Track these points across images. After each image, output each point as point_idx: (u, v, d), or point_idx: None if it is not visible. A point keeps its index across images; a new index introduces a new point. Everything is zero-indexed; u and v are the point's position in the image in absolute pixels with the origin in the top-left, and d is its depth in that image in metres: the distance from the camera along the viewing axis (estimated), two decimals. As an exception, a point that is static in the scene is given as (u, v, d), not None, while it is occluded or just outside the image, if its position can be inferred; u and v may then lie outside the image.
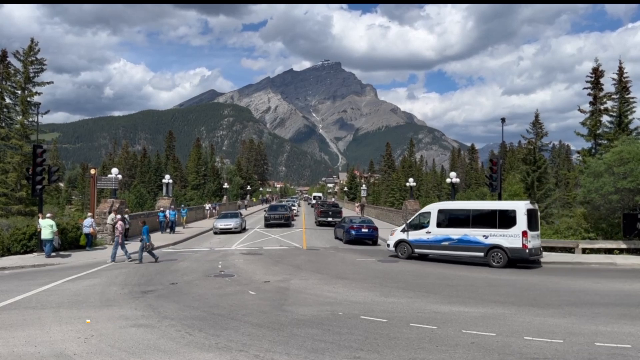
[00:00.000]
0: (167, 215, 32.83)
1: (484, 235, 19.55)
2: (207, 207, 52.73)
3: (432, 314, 10.60)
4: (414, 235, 21.68)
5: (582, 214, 25.09)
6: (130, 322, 9.81)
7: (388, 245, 22.85)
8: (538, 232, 19.90)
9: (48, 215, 21.43)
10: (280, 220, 39.47)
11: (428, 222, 21.36)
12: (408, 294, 12.97)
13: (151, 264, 18.92)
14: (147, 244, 19.34)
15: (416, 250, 21.66)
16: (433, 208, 21.90)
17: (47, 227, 20.46)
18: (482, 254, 19.53)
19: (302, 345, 8.14)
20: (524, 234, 18.63)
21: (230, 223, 33.66)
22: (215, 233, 33.05)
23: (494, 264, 19.12)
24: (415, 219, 22.38)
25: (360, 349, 7.98)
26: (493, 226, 19.48)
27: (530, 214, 19.20)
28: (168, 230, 32.54)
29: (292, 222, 43.16)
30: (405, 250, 21.89)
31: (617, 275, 17.09)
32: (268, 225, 39.11)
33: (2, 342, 8.48)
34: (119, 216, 22.39)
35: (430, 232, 21.12)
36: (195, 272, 16.58)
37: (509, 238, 18.93)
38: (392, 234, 23.37)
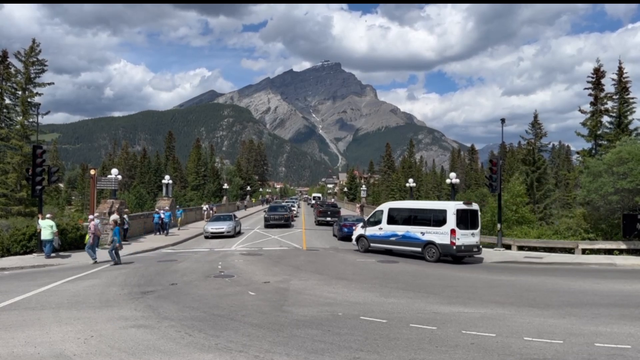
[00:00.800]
0: (162, 216, 32.01)
1: (421, 232, 21.61)
2: (204, 208, 51.29)
3: (432, 314, 10.59)
4: (370, 231, 24.03)
5: (581, 215, 25.09)
6: (130, 322, 9.81)
7: (350, 240, 25.31)
8: (473, 231, 21.08)
9: (48, 215, 21.45)
10: (280, 220, 39.28)
11: (381, 219, 23.67)
12: (408, 295, 12.97)
13: (151, 264, 18.91)
14: (118, 245, 19.17)
15: (371, 244, 23.91)
16: (385, 207, 24.38)
17: (46, 227, 20.49)
18: (419, 249, 21.57)
19: (302, 346, 8.14)
20: (452, 232, 20.40)
21: (223, 226, 31.29)
22: (207, 237, 30.80)
23: (428, 258, 21.08)
24: (372, 216, 24.59)
25: (360, 349, 7.98)
26: (429, 224, 21.43)
27: (463, 214, 20.89)
28: (163, 231, 31.75)
29: (292, 223, 43.16)
30: (364, 245, 24.26)
31: (617, 275, 17.09)
32: (268, 225, 39.01)
33: (2, 342, 8.48)
34: (91, 216, 22.07)
35: (382, 229, 23.44)
36: (195, 273, 16.57)
37: (440, 235, 20.78)
38: (355, 228, 25.74)
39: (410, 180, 46.94)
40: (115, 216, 26.64)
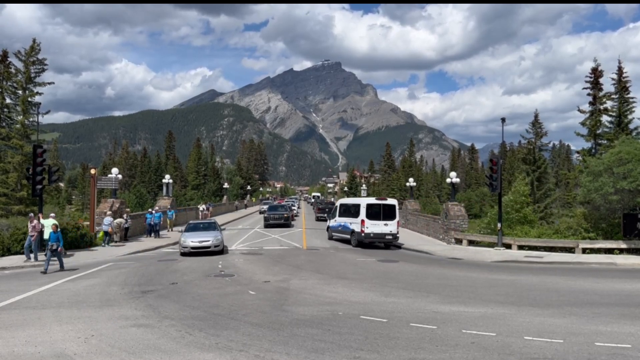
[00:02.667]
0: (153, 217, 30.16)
1: (350, 223, 26.81)
2: (201, 208, 48.88)
3: (432, 314, 10.60)
4: (331, 222, 29.96)
5: (582, 214, 25.06)
6: (131, 322, 9.82)
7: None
8: (386, 222, 25.41)
9: (52, 215, 21.56)
10: (279, 220, 39.13)
11: (336, 213, 29.32)
12: (408, 294, 12.96)
13: (151, 264, 18.92)
14: (61, 249, 17.55)
15: (332, 233, 29.35)
16: (338, 202, 30.67)
17: (49, 227, 20.54)
18: (349, 236, 26.76)
19: (302, 345, 8.14)
20: (362, 222, 25.46)
21: (209, 238, 22.32)
22: (184, 254, 21.81)
23: (352, 243, 26.36)
24: (333, 210, 30.37)
25: (360, 348, 7.99)
26: (353, 216, 26.54)
27: (374, 208, 25.80)
28: (152, 234, 29.83)
29: (292, 223, 43.16)
30: (330, 234, 29.92)
31: (617, 275, 17.08)
32: (267, 225, 38.94)
33: (3, 342, 8.49)
34: (31, 214, 21.65)
35: (335, 220, 29.17)
36: (195, 272, 16.58)
37: (357, 225, 25.83)
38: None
39: (411, 179, 46.83)
40: (120, 220, 26.78)
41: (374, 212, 25.47)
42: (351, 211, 26.95)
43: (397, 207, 26.47)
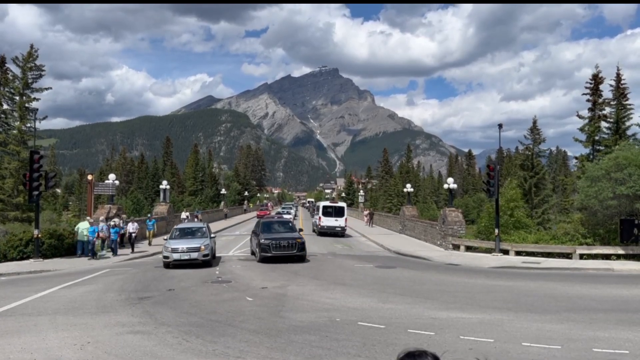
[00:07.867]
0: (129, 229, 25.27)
1: (317, 219, 36.66)
2: (183, 217, 39.56)
3: (430, 320, 10.57)
4: (313, 219, 40.85)
5: (579, 220, 25.08)
6: (127, 328, 9.77)
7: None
8: (337, 218, 35.55)
9: (88, 218, 22.64)
10: (290, 250, 21.03)
11: (314, 211, 41.49)
12: (406, 300, 12.94)
13: (148, 270, 18.84)
14: None
15: (313, 227, 38.89)
16: (316, 205, 43.60)
17: (85, 229, 21.91)
18: (316, 228, 36.71)
19: (300, 352, 8.11)
20: (319, 218, 36.04)
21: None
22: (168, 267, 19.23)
23: (316, 234, 36.05)
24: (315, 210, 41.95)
25: (357, 355, 7.96)
26: (317, 214, 37.09)
27: (328, 208, 36.40)
28: (110, 250, 23.83)
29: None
30: (312, 227, 39.64)
31: (615, 280, 17.09)
32: (264, 259, 20.88)
33: (-2, 349, 8.44)
34: None
35: (314, 217, 39.94)
36: (193, 278, 16.52)
37: (317, 220, 36.43)
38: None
39: (408, 185, 46.75)
40: (116, 219, 26.76)
41: (328, 211, 35.83)
42: (318, 211, 36.71)
43: (345, 208, 37.25)
